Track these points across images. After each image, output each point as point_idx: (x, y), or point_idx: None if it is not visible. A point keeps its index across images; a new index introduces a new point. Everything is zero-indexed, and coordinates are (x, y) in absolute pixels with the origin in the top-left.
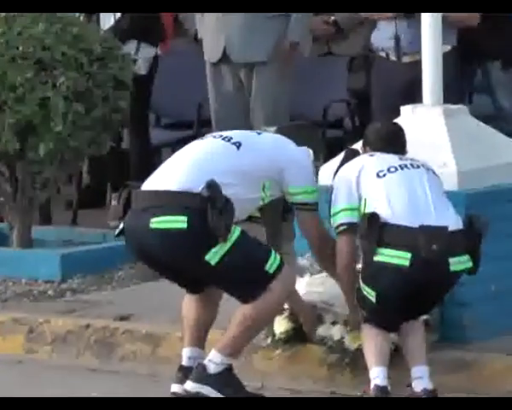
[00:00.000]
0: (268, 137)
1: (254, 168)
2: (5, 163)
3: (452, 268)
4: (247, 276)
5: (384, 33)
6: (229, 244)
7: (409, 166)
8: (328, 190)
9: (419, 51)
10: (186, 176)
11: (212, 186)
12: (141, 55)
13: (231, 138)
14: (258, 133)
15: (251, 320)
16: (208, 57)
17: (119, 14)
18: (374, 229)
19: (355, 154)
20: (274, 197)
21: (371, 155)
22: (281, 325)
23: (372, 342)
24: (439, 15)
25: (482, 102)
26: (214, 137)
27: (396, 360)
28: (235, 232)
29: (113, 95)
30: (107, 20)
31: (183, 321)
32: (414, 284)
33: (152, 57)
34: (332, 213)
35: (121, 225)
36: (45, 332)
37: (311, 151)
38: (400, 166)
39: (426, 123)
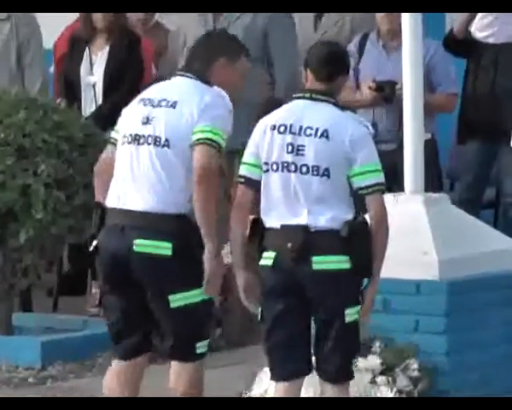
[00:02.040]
0: (184, 107)
1: (186, 154)
2: None
3: (315, 267)
4: (182, 337)
5: None
6: (196, 299)
7: (291, 165)
8: None
9: (397, 139)
10: (153, 195)
11: None
12: None
13: (160, 139)
14: (174, 107)
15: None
16: None
17: (100, 101)
18: (256, 233)
19: (276, 104)
20: None
21: (273, 128)
22: None
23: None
24: (420, 103)
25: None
26: (148, 143)
27: None
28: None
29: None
30: (89, 106)
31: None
32: (282, 284)
33: None
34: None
35: (95, 242)
36: None
37: (227, 101)
38: (282, 163)
39: (407, 211)
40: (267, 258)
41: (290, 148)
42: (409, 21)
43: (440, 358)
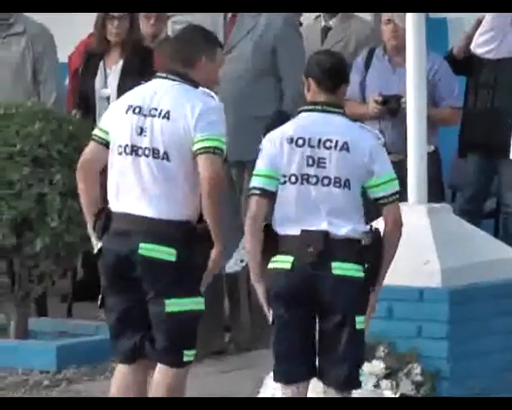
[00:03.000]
0: (177, 117)
1: (186, 165)
2: (3, 257)
3: (335, 272)
4: (172, 342)
5: None
6: (190, 307)
7: (312, 177)
8: None
9: (402, 151)
10: (157, 206)
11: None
12: None
13: (159, 151)
14: (167, 118)
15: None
16: None
17: None
18: (269, 240)
19: (283, 117)
20: None
21: (290, 141)
22: None
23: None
24: (424, 116)
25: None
26: (146, 155)
27: None
28: (201, 304)
29: None
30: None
31: None
32: (298, 288)
33: None
34: (253, 173)
35: (100, 244)
36: None
37: (216, 101)
38: (302, 175)
39: (410, 221)
40: (284, 262)
41: (311, 161)
42: (413, 36)
43: (442, 363)
